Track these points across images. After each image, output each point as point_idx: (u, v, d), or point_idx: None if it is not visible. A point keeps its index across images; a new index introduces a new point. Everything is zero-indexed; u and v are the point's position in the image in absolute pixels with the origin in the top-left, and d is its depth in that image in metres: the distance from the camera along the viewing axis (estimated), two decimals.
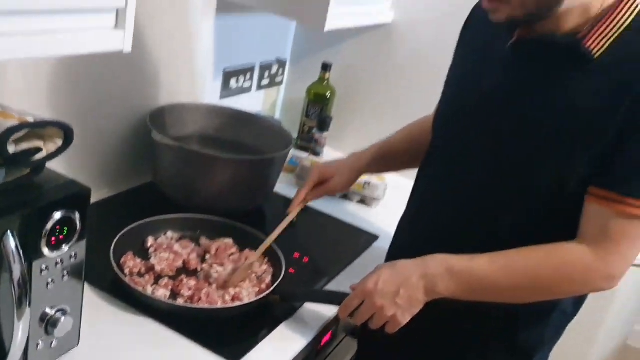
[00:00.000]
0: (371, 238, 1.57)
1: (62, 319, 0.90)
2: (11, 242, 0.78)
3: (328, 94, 1.95)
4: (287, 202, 1.63)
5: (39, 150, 0.79)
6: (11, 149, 0.78)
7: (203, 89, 1.73)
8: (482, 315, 1.12)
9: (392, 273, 1.07)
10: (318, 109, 1.95)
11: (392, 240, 1.31)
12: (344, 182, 1.36)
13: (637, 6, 0.99)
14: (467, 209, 1.11)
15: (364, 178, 1.71)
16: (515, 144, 1.04)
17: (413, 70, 1.86)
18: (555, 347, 1.22)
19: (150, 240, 1.30)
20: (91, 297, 1.12)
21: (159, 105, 1.56)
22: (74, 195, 0.86)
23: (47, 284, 0.87)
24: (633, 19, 0.97)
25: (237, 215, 1.40)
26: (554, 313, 1.13)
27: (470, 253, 1.05)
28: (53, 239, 0.85)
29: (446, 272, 1.04)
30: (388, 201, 1.76)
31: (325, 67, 1.92)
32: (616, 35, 0.96)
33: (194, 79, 1.69)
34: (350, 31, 1.90)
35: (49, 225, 0.83)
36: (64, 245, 0.87)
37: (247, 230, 1.36)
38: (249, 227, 1.37)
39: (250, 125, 1.66)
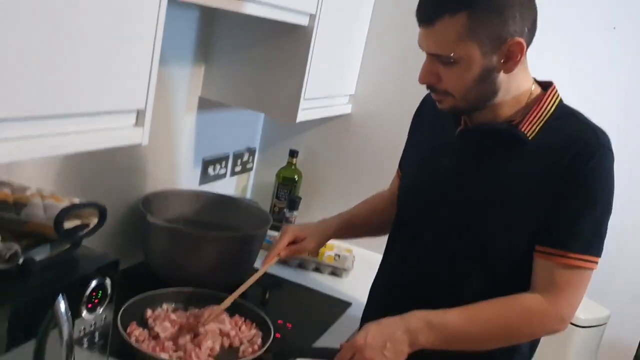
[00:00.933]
0: (344, 305, 1.74)
1: None
2: (62, 306, 0.92)
3: (296, 177, 2.15)
4: (266, 275, 1.81)
5: (86, 226, 0.94)
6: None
7: (185, 175, 1.91)
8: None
9: (378, 329, 1.22)
10: (287, 190, 2.14)
11: (366, 305, 1.48)
12: (314, 245, 1.50)
13: (557, 97, 1.24)
14: (434, 271, 1.31)
15: (334, 250, 1.90)
16: (469, 216, 1.25)
17: (369, 153, 2.10)
18: None
19: (149, 312, 1.43)
20: None
21: (148, 192, 1.72)
22: (106, 265, 1.02)
23: (83, 340, 1.00)
24: (555, 107, 1.22)
25: (222, 288, 1.54)
26: (513, 357, 1.32)
27: (442, 305, 1.21)
28: (90, 304, 0.99)
29: (426, 326, 1.19)
30: (356, 271, 1.94)
31: (293, 153, 2.14)
32: (544, 121, 1.20)
33: (178, 167, 1.87)
34: (314, 120, 2.14)
35: (88, 291, 0.98)
36: (98, 308, 1.01)
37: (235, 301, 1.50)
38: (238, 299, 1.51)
39: (230, 207, 1.84)
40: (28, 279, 0.91)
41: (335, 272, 1.92)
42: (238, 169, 2.18)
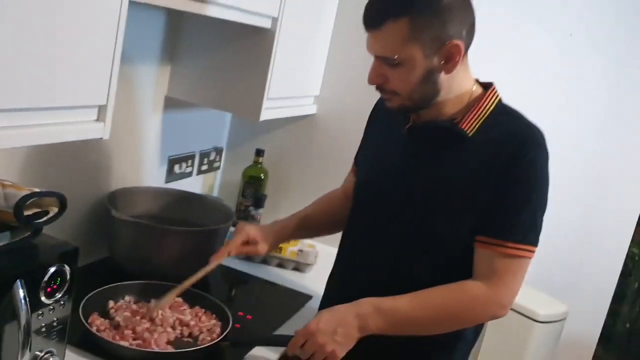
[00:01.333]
0: (305, 298, 1.80)
1: (50, 359, 1.08)
2: (20, 291, 0.97)
3: (262, 176, 2.21)
4: (228, 270, 1.87)
5: (46, 213, 0.99)
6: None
7: (151, 173, 1.95)
8: (402, 347, 1.36)
9: (330, 315, 1.29)
10: (253, 189, 2.20)
11: (323, 296, 1.54)
12: (267, 248, 1.52)
13: (497, 96, 1.32)
14: (386, 260, 1.37)
15: (297, 246, 1.96)
16: (416, 207, 1.32)
17: (333, 152, 2.16)
18: None
19: (111, 303, 1.48)
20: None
21: (114, 189, 1.77)
22: (66, 253, 1.07)
23: (42, 327, 1.05)
24: (494, 106, 1.30)
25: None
26: (458, 342, 1.39)
27: (392, 292, 1.29)
28: (49, 289, 1.04)
29: (375, 311, 1.26)
30: (319, 267, 2.00)
31: (259, 152, 2.19)
32: (483, 118, 1.28)
33: (144, 165, 1.92)
34: (280, 120, 2.20)
35: (47, 277, 1.03)
36: (57, 294, 1.06)
37: (197, 292, 1.55)
38: (196, 289, 1.56)
39: (194, 203, 1.89)
40: None
41: (298, 267, 1.98)
42: (205, 167, 2.23)
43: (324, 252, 2.02)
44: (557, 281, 3.07)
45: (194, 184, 2.19)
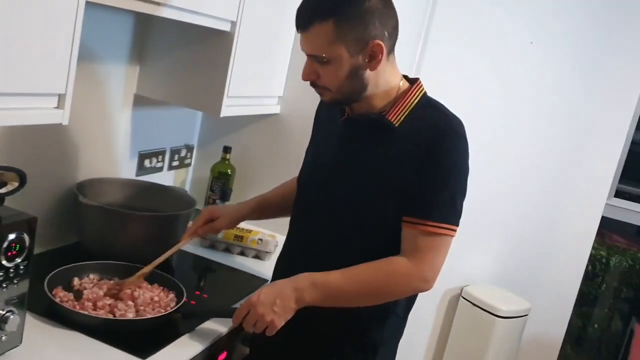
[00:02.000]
0: (262, 282, 1.93)
1: (11, 317, 1.21)
2: None
3: (229, 171, 2.35)
4: (194, 257, 2.01)
5: (4, 184, 1.13)
6: None
7: (121, 166, 2.10)
8: (337, 321, 1.50)
9: (270, 289, 1.43)
10: (221, 184, 2.34)
11: (272, 273, 1.68)
12: (227, 222, 1.72)
13: (422, 90, 1.47)
14: (322, 240, 1.52)
15: (258, 235, 2.09)
16: (348, 192, 1.46)
17: (295, 149, 2.27)
18: None
19: (75, 280, 1.61)
20: (30, 320, 1.40)
21: (84, 179, 1.91)
22: (25, 221, 1.20)
23: (3, 287, 1.18)
24: (419, 99, 1.44)
25: (148, 263, 1.72)
26: (389, 317, 1.52)
27: (328, 269, 1.42)
28: (9, 253, 1.17)
29: (310, 284, 1.40)
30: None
31: (226, 149, 2.34)
32: (408, 111, 1.43)
33: (114, 158, 2.06)
34: (246, 119, 2.34)
35: (7, 242, 1.16)
36: (17, 259, 1.19)
37: (156, 272, 1.68)
38: (158, 270, 1.69)
39: (160, 194, 2.03)
40: None
41: (259, 255, 2.11)
42: (175, 163, 2.37)
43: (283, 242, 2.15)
44: (520, 279, 3.20)
45: (165, 179, 2.33)
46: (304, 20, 1.36)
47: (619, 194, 3.78)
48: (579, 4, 2.87)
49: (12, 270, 1.20)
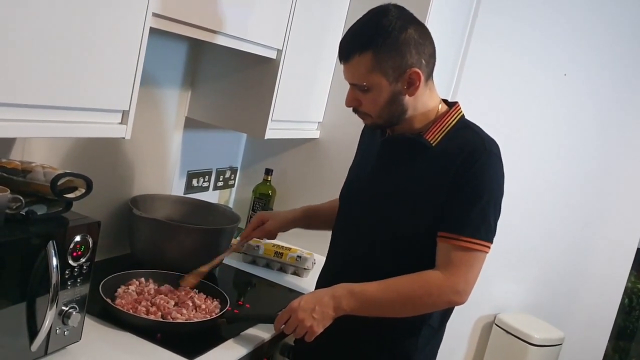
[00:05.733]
0: (300, 294, 2.00)
1: (74, 313, 1.32)
2: (52, 249, 1.22)
3: (270, 192, 2.46)
4: (236, 271, 2.11)
5: (75, 188, 1.25)
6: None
7: (172, 184, 2.22)
8: (371, 331, 1.57)
9: (310, 296, 1.52)
10: (262, 204, 2.45)
11: (316, 285, 1.76)
12: (277, 225, 1.83)
13: (459, 113, 1.56)
14: (359, 254, 1.61)
15: (297, 252, 2.19)
16: (385, 206, 1.55)
17: (333, 173, 2.39)
18: None
19: (123, 288, 1.71)
20: (86, 320, 1.51)
21: (137, 194, 2.04)
22: (90, 225, 1.32)
23: (68, 285, 1.30)
24: (457, 121, 1.53)
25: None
26: (423, 327, 1.59)
27: (365, 281, 1.50)
28: (75, 253, 1.29)
29: (348, 293, 1.49)
30: (316, 272, 2.21)
31: (268, 172, 2.45)
32: (445, 131, 1.52)
33: (165, 176, 2.19)
34: (287, 143, 2.46)
35: (73, 243, 1.28)
36: (81, 259, 1.31)
37: (202, 281, 1.78)
38: (204, 279, 1.79)
39: (207, 210, 2.15)
40: (30, 226, 1.22)
41: (297, 271, 2.21)
42: (220, 184, 2.50)
43: (320, 260, 2.24)
44: (553, 308, 3.21)
45: (210, 198, 2.45)
46: (345, 52, 1.47)
47: None
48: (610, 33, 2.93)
49: (76, 269, 1.31)
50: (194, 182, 2.34)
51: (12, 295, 1.20)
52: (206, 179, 2.40)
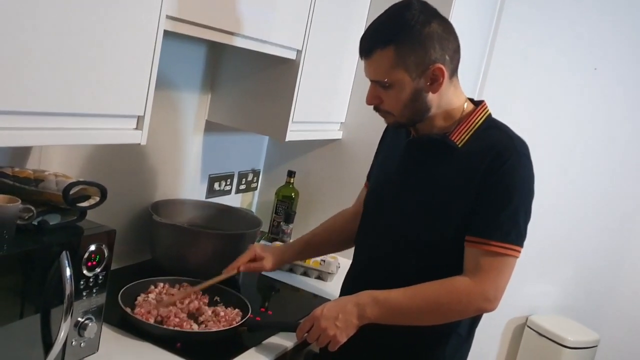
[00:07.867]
0: (324, 301, 1.94)
1: (90, 324, 1.29)
2: (66, 260, 1.19)
3: (293, 195, 2.42)
4: (255, 275, 2.07)
5: (88, 197, 1.22)
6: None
7: (192, 188, 2.19)
8: (398, 339, 1.52)
9: (333, 304, 1.47)
10: (285, 207, 2.40)
11: (340, 290, 1.71)
12: (270, 266, 1.75)
13: (486, 112, 1.49)
14: (384, 259, 1.55)
15: (321, 257, 2.14)
16: (409, 209, 1.50)
17: (356, 174, 2.32)
18: None
19: (152, 290, 1.69)
20: (104, 330, 1.48)
21: (158, 199, 2.01)
22: (105, 234, 1.29)
23: (83, 296, 1.27)
24: (483, 120, 1.47)
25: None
26: (451, 335, 1.52)
27: (390, 287, 1.45)
28: (89, 263, 1.26)
29: (372, 301, 1.43)
30: (340, 276, 2.16)
31: (290, 174, 2.41)
32: (472, 131, 1.45)
33: (186, 180, 2.16)
34: (309, 145, 2.41)
35: (87, 253, 1.25)
36: (97, 269, 1.28)
37: (224, 289, 1.74)
38: (225, 287, 1.75)
39: (229, 215, 2.11)
40: (42, 236, 1.19)
41: (321, 276, 2.16)
42: (243, 187, 2.46)
43: (345, 264, 2.18)
44: (587, 310, 3.11)
45: (232, 201, 2.42)
46: (366, 47, 1.41)
47: None
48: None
49: (92, 280, 1.28)
50: (216, 185, 2.30)
51: (27, 307, 1.17)
52: (228, 183, 2.37)
